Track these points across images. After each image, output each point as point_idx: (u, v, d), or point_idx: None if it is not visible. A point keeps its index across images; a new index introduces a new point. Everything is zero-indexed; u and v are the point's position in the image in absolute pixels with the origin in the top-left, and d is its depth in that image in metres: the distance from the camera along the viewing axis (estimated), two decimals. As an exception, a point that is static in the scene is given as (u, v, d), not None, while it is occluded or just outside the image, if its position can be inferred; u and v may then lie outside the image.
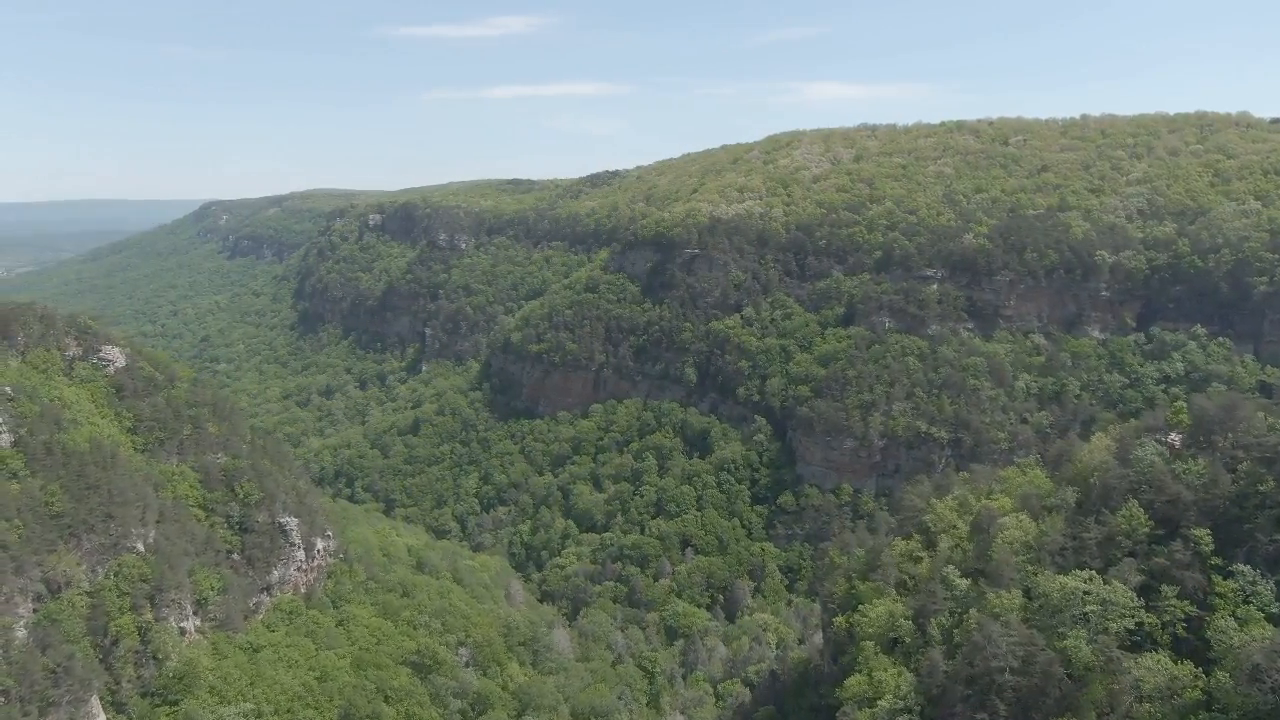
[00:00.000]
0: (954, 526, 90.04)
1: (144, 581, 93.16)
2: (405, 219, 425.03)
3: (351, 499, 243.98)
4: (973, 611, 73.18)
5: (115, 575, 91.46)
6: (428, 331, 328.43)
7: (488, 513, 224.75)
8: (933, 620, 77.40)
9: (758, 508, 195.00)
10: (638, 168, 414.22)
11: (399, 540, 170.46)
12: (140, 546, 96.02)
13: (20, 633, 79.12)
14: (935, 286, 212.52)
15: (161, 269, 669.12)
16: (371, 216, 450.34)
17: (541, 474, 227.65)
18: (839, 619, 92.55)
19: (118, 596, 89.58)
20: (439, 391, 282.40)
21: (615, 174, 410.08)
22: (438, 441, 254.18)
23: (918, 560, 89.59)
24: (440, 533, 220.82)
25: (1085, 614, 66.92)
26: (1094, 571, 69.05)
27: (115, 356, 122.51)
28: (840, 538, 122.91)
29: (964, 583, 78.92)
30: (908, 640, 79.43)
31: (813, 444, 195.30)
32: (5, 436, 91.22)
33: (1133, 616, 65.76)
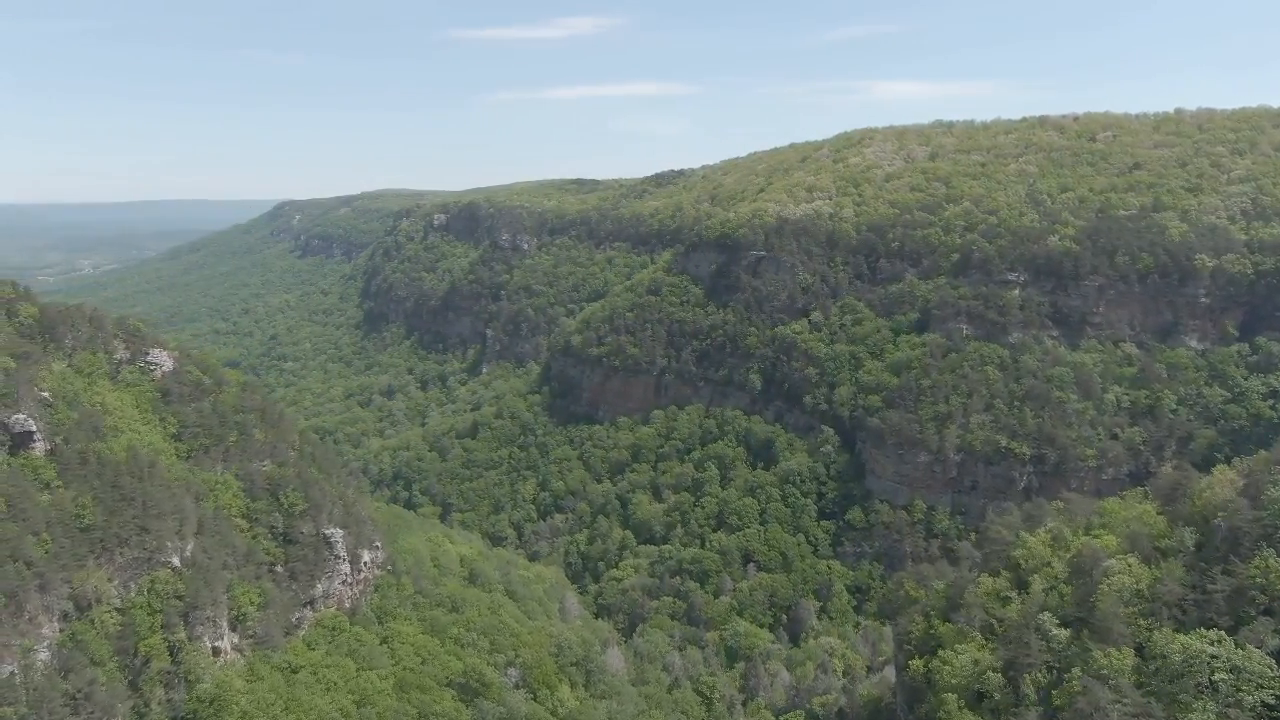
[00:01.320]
0: (1048, 564, 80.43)
1: (177, 598, 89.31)
2: (469, 219, 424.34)
3: (409, 502, 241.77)
4: (1076, 670, 64.01)
5: (147, 592, 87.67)
6: (489, 333, 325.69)
7: (544, 520, 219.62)
8: (1027, 676, 68.37)
9: (824, 523, 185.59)
10: (703, 167, 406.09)
11: (452, 549, 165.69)
12: (176, 561, 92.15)
13: (43, 655, 75.53)
14: (1017, 291, 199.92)
15: (236, 267, 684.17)
16: (436, 216, 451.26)
17: (600, 481, 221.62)
18: (915, 662, 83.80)
19: (149, 615, 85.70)
20: (498, 394, 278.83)
21: (680, 173, 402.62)
22: (496, 445, 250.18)
23: (1006, 601, 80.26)
24: (496, 539, 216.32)
25: (1213, 682, 57.44)
26: (1222, 631, 59.39)
27: (163, 360, 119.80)
28: (916, 568, 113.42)
29: (1063, 633, 69.62)
30: (997, 696, 70.47)
31: (884, 457, 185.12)
32: (40, 445, 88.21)
33: (1271, 688, 56.03)
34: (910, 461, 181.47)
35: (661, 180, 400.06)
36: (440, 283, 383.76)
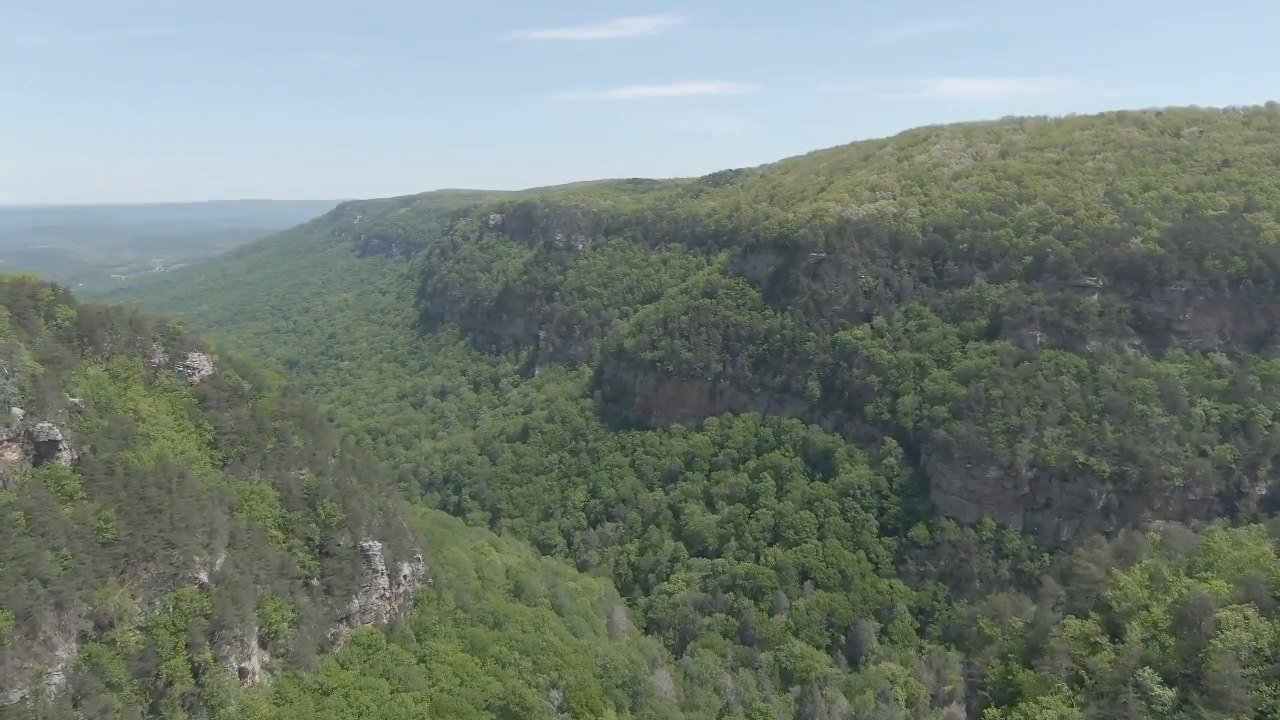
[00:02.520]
0: (1145, 608, 71.68)
1: (203, 617, 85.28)
2: (524, 219, 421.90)
3: (459, 506, 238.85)
4: (1186, 741, 55.65)
5: (172, 610, 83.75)
6: (542, 334, 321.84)
7: (594, 528, 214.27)
8: (1125, 741, 60.03)
9: (886, 539, 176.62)
10: (762, 166, 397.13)
11: (497, 559, 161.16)
12: (203, 576, 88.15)
13: (57, 679, 71.66)
14: (1096, 297, 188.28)
15: (298, 266, 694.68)
16: (492, 216, 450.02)
17: (651, 489, 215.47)
18: (991, 711, 75.62)
19: (172, 634, 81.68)
20: (550, 397, 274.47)
21: (738, 172, 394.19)
22: (546, 450, 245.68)
23: (1097, 649, 71.69)
24: (545, 547, 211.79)
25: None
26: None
27: (201, 364, 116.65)
28: (990, 600, 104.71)
29: (1167, 693, 61.06)
30: (1089, 761, 62.28)
31: (950, 471, 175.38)
32: (66, 454, 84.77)
33: None
34: (979, 476, 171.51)
35: (719, 180, 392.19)
36: (495, 283, 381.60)
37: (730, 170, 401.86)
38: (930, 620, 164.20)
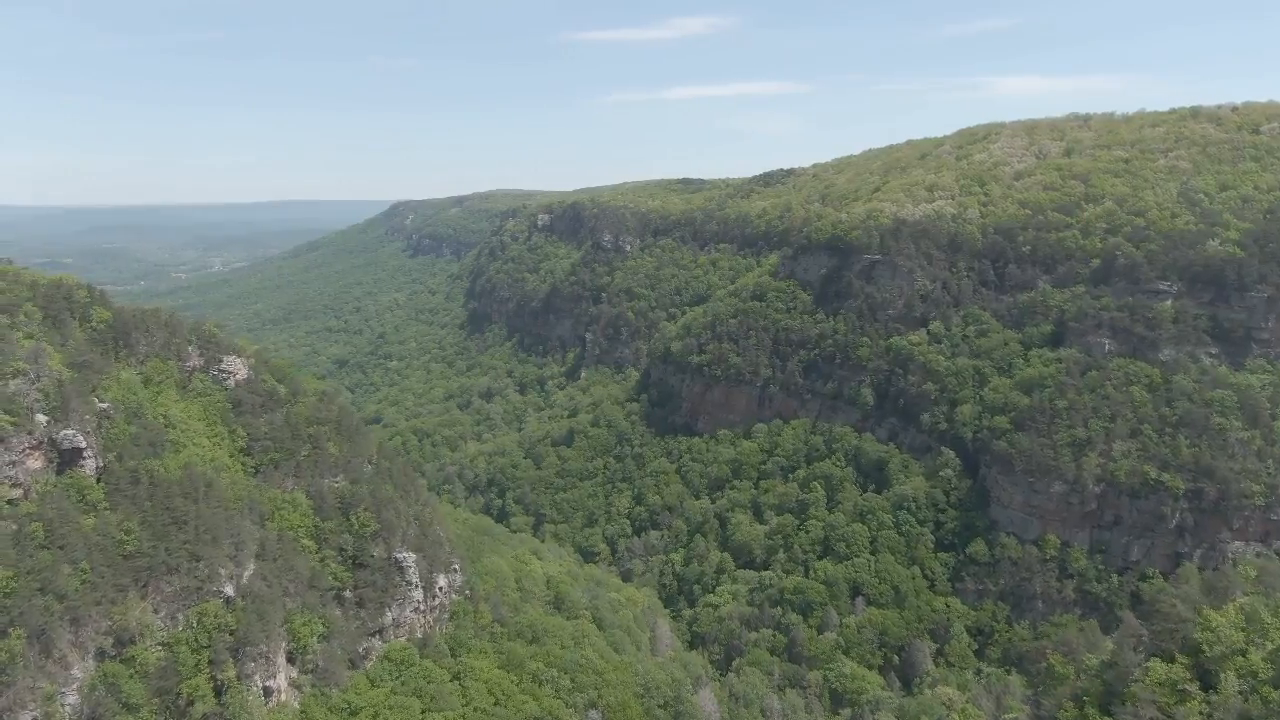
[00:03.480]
0: (1242, 653, 64.52)
1: (227, 632, 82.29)
2: (573, 219, 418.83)
3: (502, 511, 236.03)
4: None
5: (195, 625, 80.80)
6: (588, 336, 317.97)
7: (639, 536, 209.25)
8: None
9: (942, 555, 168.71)
10: (814, 165, 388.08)
11: (538, 569, 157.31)
12: (229, 590, 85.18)
13: (71, 699, 68.95)
14: (1170, 303, 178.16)
15: (351, 266, 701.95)
16: (540, 217, 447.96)
17: (698, 497, 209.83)
18: (1065, 759, 69.02)
19: (193, 651, 78.68)
20: (595, 401, 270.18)
21: (789, 172, 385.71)
22: (591, 455, 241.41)
23: (1185, 697, 64.75)
24: (588, 554, 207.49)
25: None
26: None
27: (236, 368, 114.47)
28: (1062, 633, 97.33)
29: (1272, 756, 54.22)
30: (1181, 829, 55.63)
31: (1012, 485, 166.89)
32: (90, 463, 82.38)
33: None
34: (1042, 491, 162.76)
35: (770, 179, 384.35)
36: (542, 284, 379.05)
37: (781, 170, 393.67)
38: (989, 642, 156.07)
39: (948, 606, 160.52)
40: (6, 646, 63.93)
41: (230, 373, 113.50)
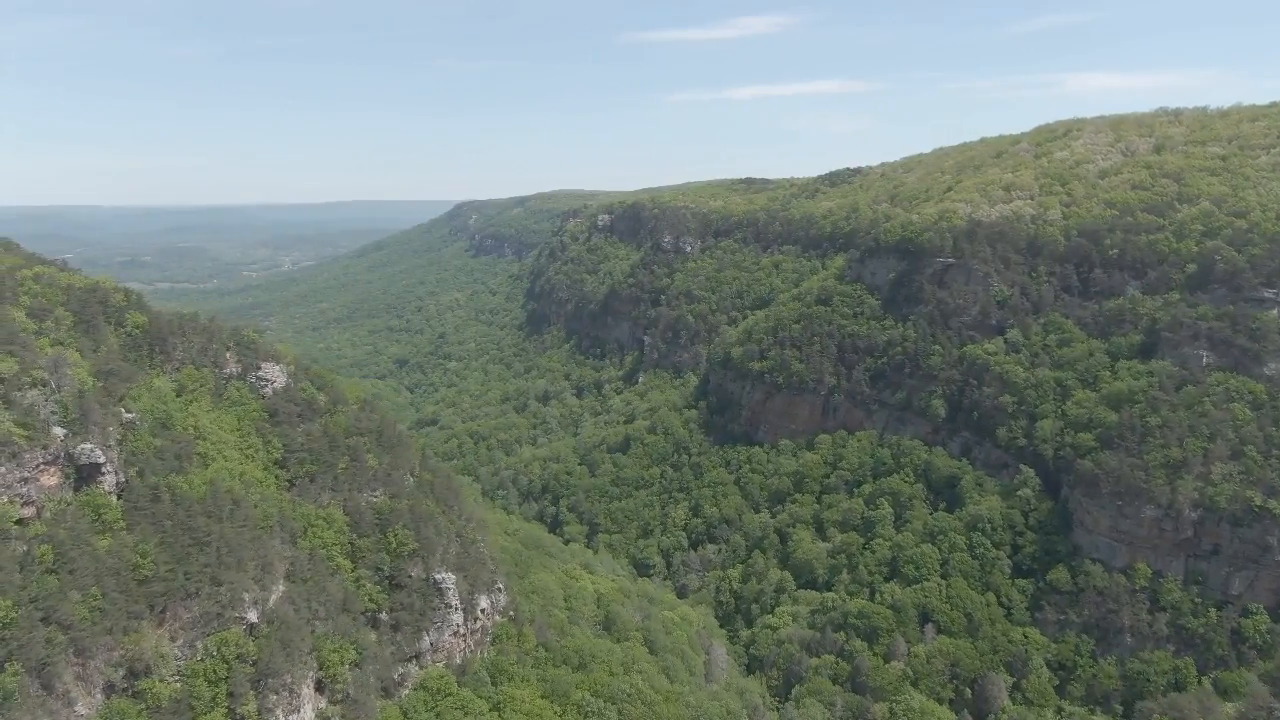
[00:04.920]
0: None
1: (248, 662, 77.17)
2: (633, 220, 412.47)
3: (555, 518, 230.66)
4: None
5: (214, 655, 75.78)
6: (646, 339, 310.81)
7: (695, 550, 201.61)
8: None
9: (1020, 581, 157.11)
10: (882, 164, 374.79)
11: (588, 586, 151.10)
12: (252, 616, 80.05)
13: (75, 738, 64.47)
14: (1275, 312, 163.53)
15: (414, 265, 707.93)
16: (600, 217, 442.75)
17: (757, 511, 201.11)
18: None
19: (210, 684, 73.59)
20: (653, 406, 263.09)
21: (856, 171, 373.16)
22: (647, 463, 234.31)
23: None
24: (643, 567, 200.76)
25: None
26: None
27: (275, 376, 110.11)
28: (1173, 700, 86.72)
29: None
30: None
31: (1097, 508, 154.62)
32: (110, 478, 77.94)
33: None
34: (1132, 516, 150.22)
35: (836, 179, 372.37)
36: (601, 285, 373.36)
37: (848, 169, 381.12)
38: (1071, 677, 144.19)
39: (1026, 637, 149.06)
40: (1, 684, 59.25)
41: (268, 380, 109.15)
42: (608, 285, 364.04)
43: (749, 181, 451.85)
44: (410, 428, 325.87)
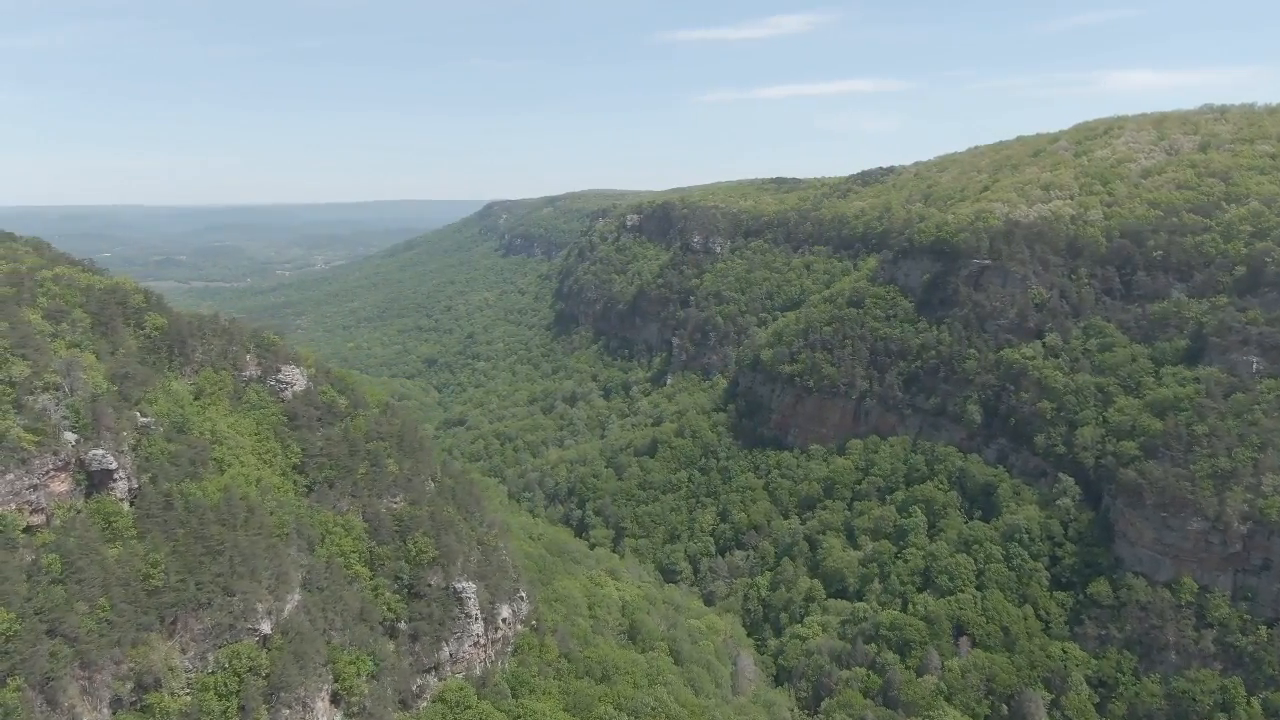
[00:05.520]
0: None
1: (261, 675, 75.18)
2: (662, 220, 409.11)
3: (581, 522, 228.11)
4: None
5: (225, 668, 73.79)
6: (675, 341, 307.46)
7: (723, 556, 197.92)
8: None
9: (1059, 594, 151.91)
10: (915, 164, 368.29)
11: (613, 593, 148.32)
12: (265, 627, 78.03)
13: (78, 756, 62.65)
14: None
15: (444, 265, 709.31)
16: (629, 217, 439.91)
17: (786, 517, 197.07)
18: None
19: (220, 698, 71.60)
20: (681, 409, 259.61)
21: (889, 170, 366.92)
22: (675, 467, 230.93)
23: None
24: (669, 573, 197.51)
25: None
26: None
27: (295, 379, 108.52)
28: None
29: None
30: None
31: (1141, 519, 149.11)
32: (122, 485, 76.32)
33: None
34: (1177, 528, 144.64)
35: (868, 178, 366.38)
36: (629, 286, 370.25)
37: (880, 168, 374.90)
38: (1113, 695, 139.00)
39: (1065, 653, 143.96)
40: (2, 699, 57.52)
41: (288, 383, 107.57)
42: (636, 286, 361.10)
43: (780, 181, 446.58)
44: (438, 428, 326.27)
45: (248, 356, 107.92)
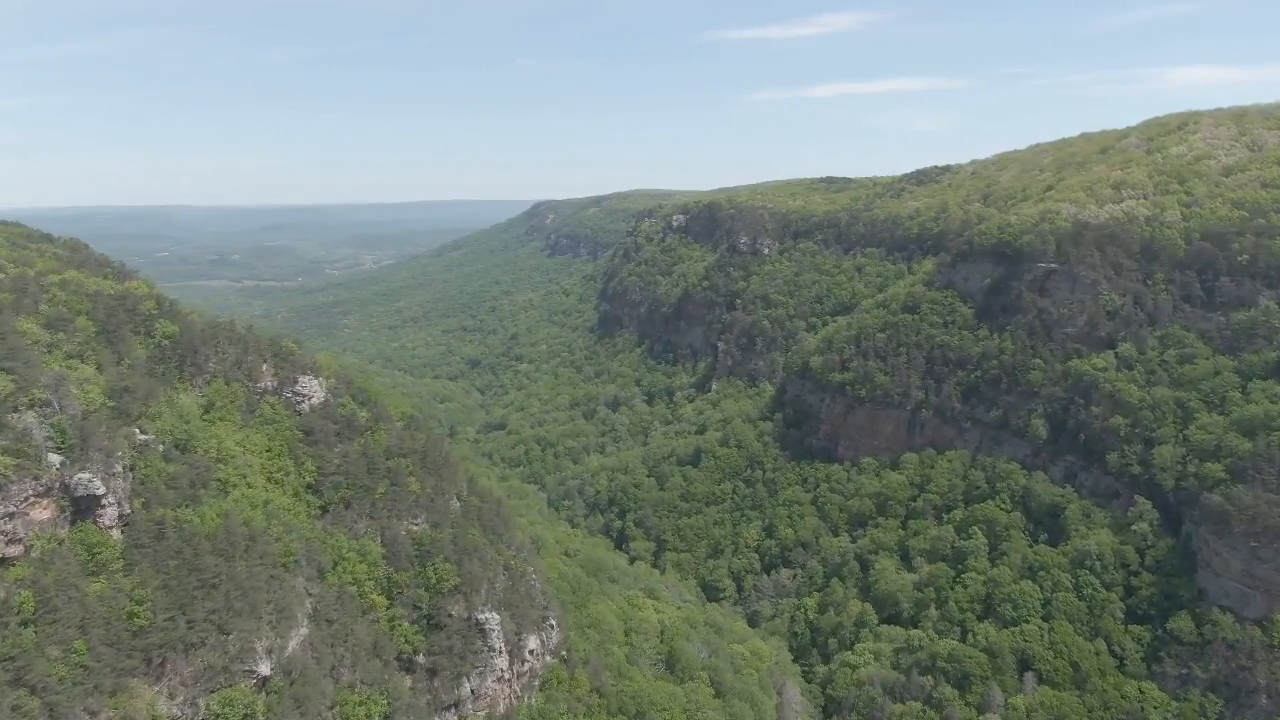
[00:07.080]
0: None
1: (256, 725, 68.38)
2: (709, 220, 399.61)
3: (621, 533, 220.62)
4: None
5: (218, 715, 67.00)
6: (720, 345, 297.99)
7: (768, 574, 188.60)
8: None
9: (1135, 629, 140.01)
10: (972, 162, 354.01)
11: (651, 616, 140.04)
12: (264, 668, 71.15)
13: (43, 822, 56.12)
14: None
15: (490, 265, 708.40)
16: (675, 217, 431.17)
17: (836, 534, 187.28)
18: None
19: (208, 752, 64.95)
20: (726, 417, 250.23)
21: (945, 169, 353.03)
22: (719, 478, 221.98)
23: None
24: (712, 590, 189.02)
25: None
26: None
27: (313, 391, 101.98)
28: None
29: None
30: None
31: (1228, 549, 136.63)
32: (110, 511, 69.88)
33: None
34: (1269, 560, 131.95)
35: (923, 177, 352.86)
36: (674, 287, 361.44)
37: (936, 167, 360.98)
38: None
39: (1142, 693, 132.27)
40: (-48, 764, 51.22)
41: (305, 396, 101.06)
42: (681, 287, 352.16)
43: (830, 180, 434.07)
44: (479, 431, 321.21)
45: (264, 366, 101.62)
